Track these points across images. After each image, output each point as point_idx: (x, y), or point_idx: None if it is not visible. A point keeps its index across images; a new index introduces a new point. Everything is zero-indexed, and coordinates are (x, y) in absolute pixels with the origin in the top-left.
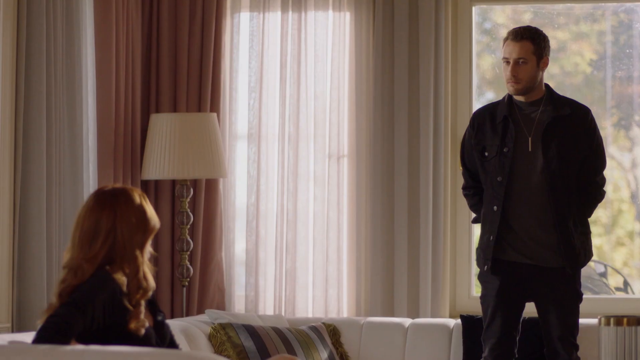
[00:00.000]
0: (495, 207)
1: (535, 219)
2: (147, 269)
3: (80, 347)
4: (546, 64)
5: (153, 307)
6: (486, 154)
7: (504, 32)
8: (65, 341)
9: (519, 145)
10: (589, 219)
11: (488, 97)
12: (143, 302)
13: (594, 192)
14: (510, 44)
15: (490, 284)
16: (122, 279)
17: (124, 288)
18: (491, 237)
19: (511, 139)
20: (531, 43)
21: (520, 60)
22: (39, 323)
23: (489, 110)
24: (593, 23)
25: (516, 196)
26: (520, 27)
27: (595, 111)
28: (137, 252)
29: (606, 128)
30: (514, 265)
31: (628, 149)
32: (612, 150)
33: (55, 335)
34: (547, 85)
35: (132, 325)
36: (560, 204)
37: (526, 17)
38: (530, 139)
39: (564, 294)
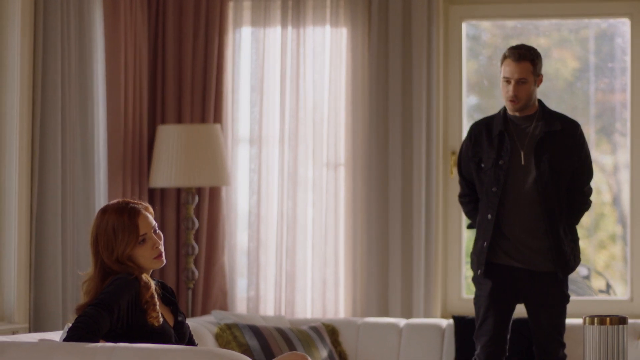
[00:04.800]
0: (489, 216)
1: (528, 227)
2: (144, 263)
3: (109, 344)
4: (541, 81)
5: (175, 308)
6: (482, 165)
7: (486, 37)
8: (94, 339)
9: (514, 158)
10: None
11: (471, 102)
12: (155, 293)
13: (581, 201)
14: (510, 64)
15: (483, 286)
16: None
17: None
18: (485, 244)
19: (507, 153)
20: (530, 64)
21: (521, 81)
22: (75, 312)
23: (485, 123)
24: (577, 32)
25: (510, 205)
26: (520, 49)
27: (578, 119)
28: (119, 258)
29: (589, 134)
30: (506, 268)
31: (610, 152)
32: (595, 155)
33: (85, 333)
34: (539, 101)
35: (150, 317)
36: (552, 213)
37: (510, 23)
38: (522, 152)
39: (553, 296)
